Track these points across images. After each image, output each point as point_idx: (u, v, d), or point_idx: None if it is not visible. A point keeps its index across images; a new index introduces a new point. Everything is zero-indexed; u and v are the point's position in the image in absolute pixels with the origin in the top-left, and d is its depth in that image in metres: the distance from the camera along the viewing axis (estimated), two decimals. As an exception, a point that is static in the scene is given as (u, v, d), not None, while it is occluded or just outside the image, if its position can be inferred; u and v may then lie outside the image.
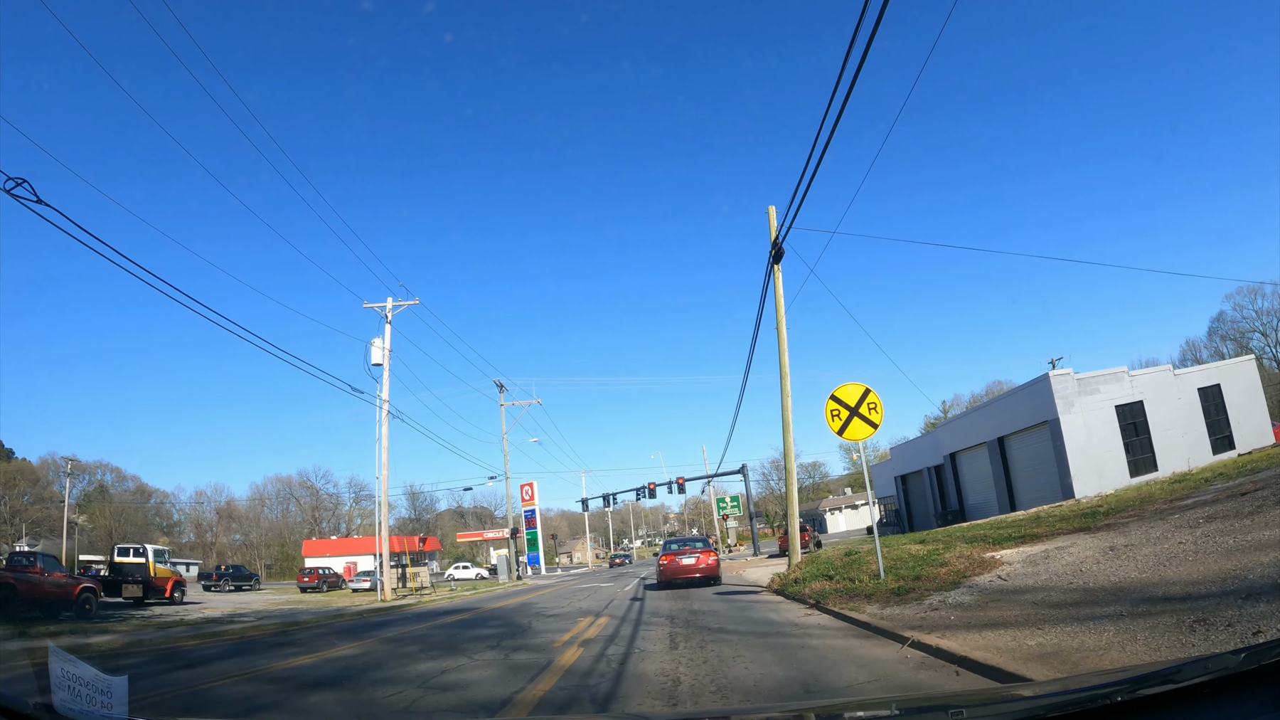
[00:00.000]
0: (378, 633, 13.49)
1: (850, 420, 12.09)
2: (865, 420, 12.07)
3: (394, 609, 22.47)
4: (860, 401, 12.15)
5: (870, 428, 12.05)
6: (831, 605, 10.54)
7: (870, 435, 12.04)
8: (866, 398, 12.17)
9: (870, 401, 12.15)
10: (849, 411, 12.13)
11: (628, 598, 17.30)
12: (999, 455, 27.30)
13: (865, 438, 12.05)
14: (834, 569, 14.11)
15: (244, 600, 33.78)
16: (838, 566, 14.26)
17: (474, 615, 16.14)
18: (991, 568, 10.85)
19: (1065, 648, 5.58)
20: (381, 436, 29.34)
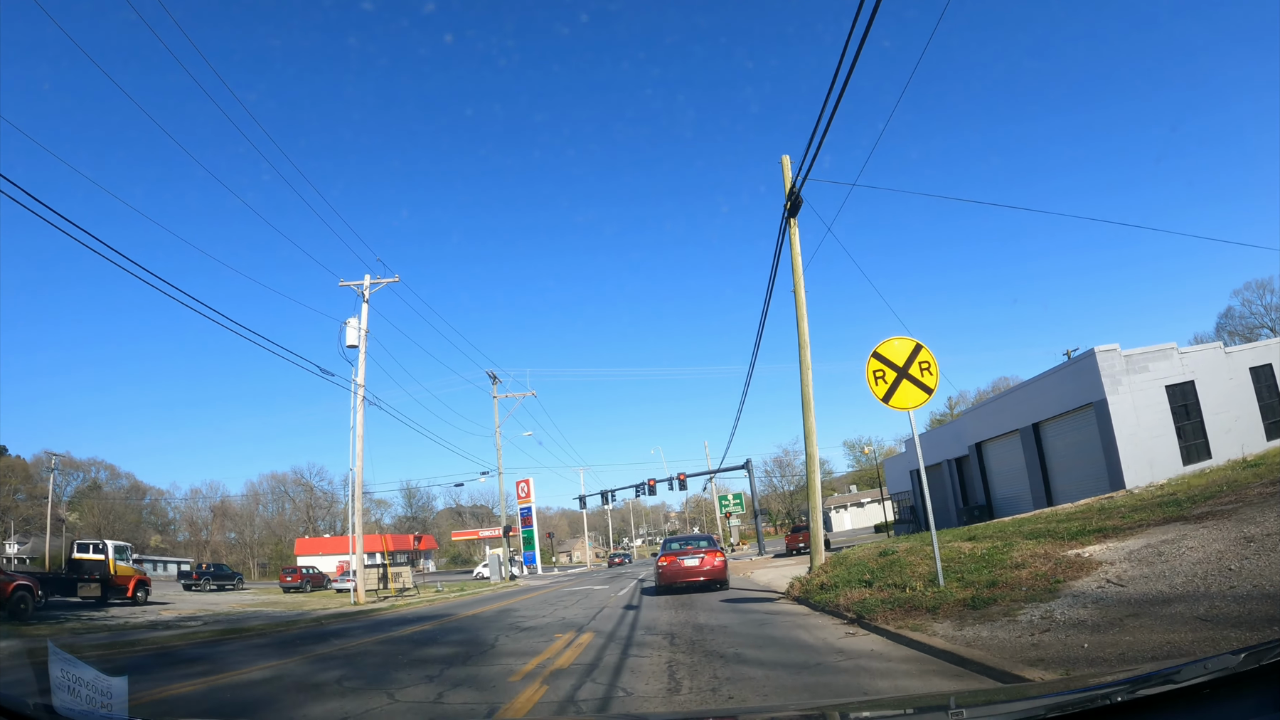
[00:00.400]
0: (314, 648, 11.06)
1: (898, 383, 9.59)
2: (916, 383, 9.57)
3: (361, 614, 19.99)
4: (910, 360, 9.65)
5: (923, 392, 9.55)
6: (882, 622, 8.02)
7: (923, 402, 9.54)
8: (918, 355, 9.66)
9: (923, 360, 9.65)
10: (896, 372, 9.64)
11: (621, 605, 14.80)
12: (1034, 443, 24.75)
13: (917, 405, 9.55)
14: (869, 571, 11.60)
15: (216, 601, 31.31)
16: (873, 569, 11.74)
17: (439, 625, 13.65)
18: (1087, 569, 8.38)
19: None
20: (356, 424, 26.87)
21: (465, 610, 17.84)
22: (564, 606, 15.82)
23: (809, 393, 14.40)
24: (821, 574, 12.64)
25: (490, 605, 19.17)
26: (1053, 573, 8.54)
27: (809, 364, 14.62)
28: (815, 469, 13.80)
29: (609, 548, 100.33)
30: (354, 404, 27.07)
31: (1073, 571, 8.43)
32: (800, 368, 14.64)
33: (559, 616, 13.21)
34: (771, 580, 19.22)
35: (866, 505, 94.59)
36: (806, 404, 14.30)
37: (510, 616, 14.24)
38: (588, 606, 15.15)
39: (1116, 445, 21.16)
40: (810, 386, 14.47)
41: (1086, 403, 22.27)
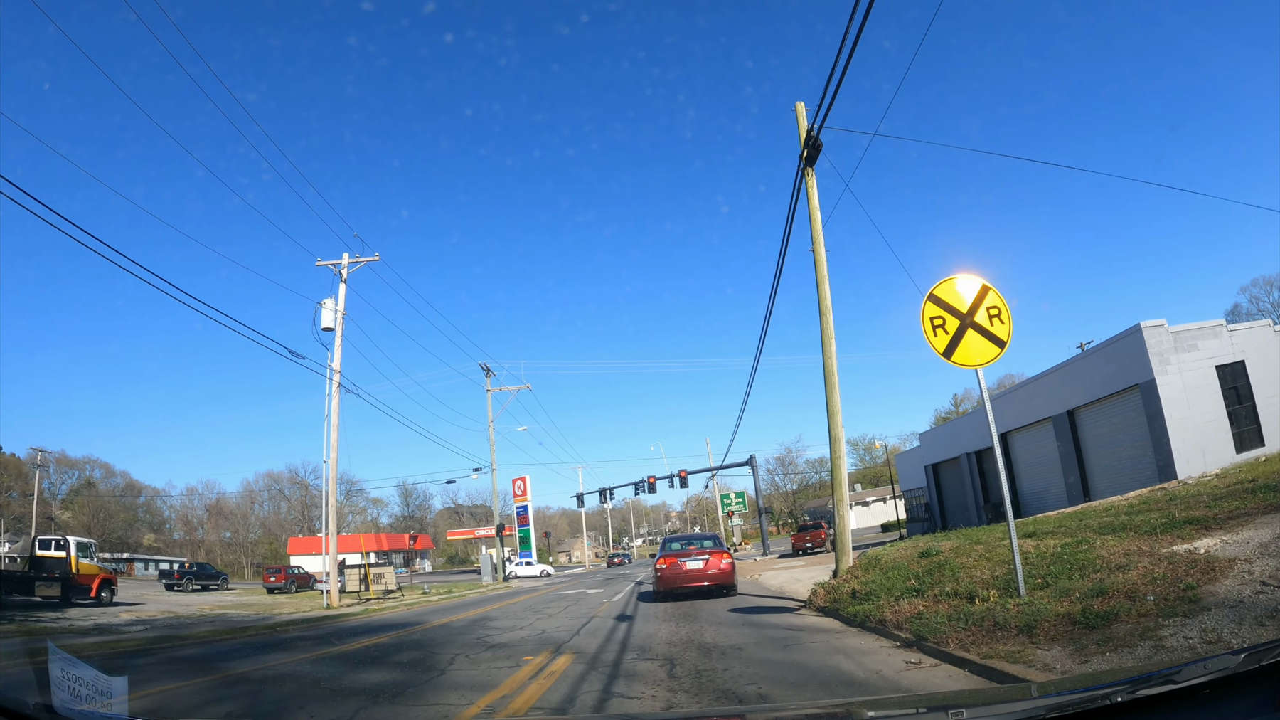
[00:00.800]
0: (234, 665, 9.09)
1: (962, 333, 7.53)
2: (985, 334, 7.51)
3: (325, 620, 17.90)
4: (976, 304, 7.59)
5: (994, 345, 7.49)
6: (958, 647, 5.91)
7: (994, 357, 7.49)
8: (985, 298, 7.61)
9: (991, 305, 7.58)
10: (959, 320, 7.58)
11: (612, 614, 12.70)
12: (1068, 432, 22.61)
13: (987, 361, 7.49)
14: (913, 576, 9.49)
15: (190, 603, 29.20)
16: (917, 572, 9.63)
17: (396, 638, 11.55)
18: (1217, 569, 6.42)
19: None
20: (330, 412, 24.77)
21: (438, 618, 15.76)
22: (548, 615, 13.72)
23: (832, 365, 12.28)
24: (851, 579, 10.51)
25: (469, 612, 17.08)
26: (1172, 575, 6.46)
27: (831, 333, 12.51)
28: (841, 455, 11.67)
29: (609, 548, 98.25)
30: (328, 390, 24.98)
31: (1199, 573, 6.35)
32: (821, 337, 12.53)
33: (538, 629, 11.10)
34: (784, 584, 17.11)
35: (871, 504, 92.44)
36: (830, 378, 12.19)
37: (483, 628, 12.15)
38: (575, 615, 13.05)
39: (1167, 431, 19.02)
40: (834, 359, 12.35)
41: (1131, 385, 20.12)
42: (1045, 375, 24.72)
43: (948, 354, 7.57)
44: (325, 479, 24.60)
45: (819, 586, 10.99)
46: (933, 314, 7.66)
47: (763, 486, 54.17)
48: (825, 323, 12.59)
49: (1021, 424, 25.78)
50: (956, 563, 9.68)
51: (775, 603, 12.49)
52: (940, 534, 20.88)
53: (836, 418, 11.86)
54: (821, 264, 12.97)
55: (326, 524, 24.54)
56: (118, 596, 28.10)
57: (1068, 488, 22.99)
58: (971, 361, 7.49)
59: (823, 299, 12.77)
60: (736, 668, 6.34)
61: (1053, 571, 7.66)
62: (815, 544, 36.87)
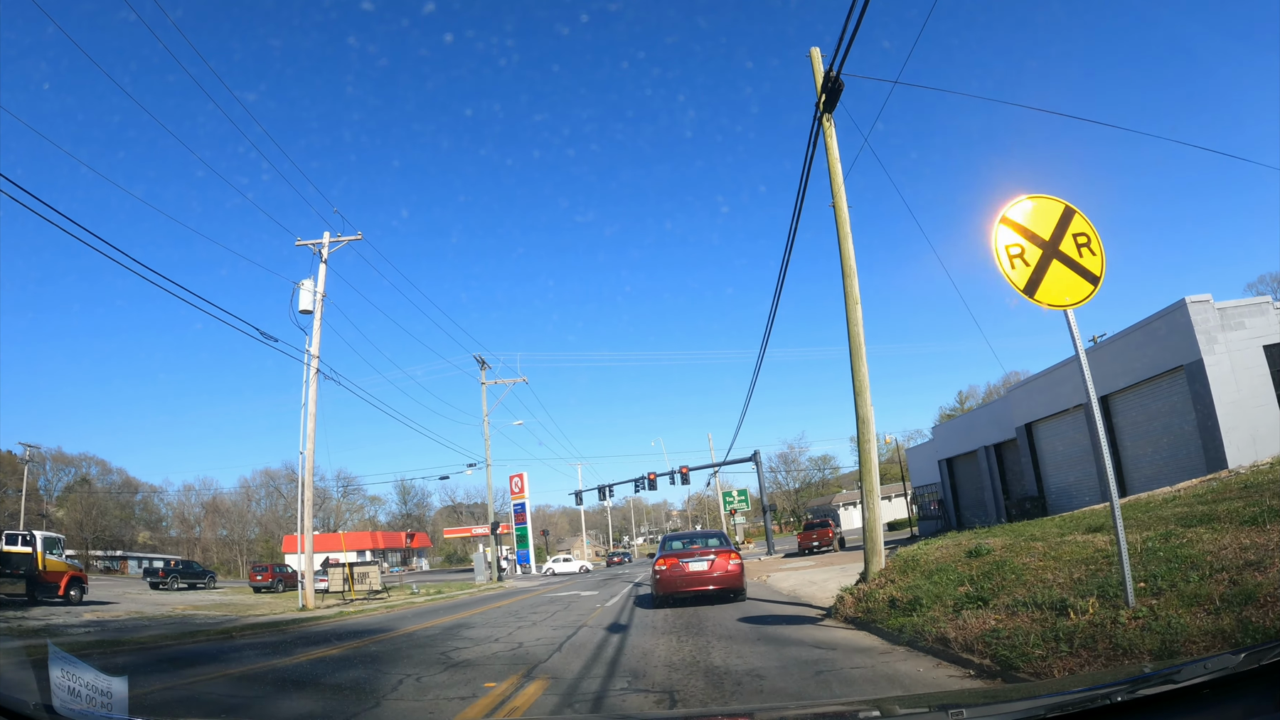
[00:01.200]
0: (148, 680, 7.40)
1: (1046, 265, 5.91)
2: (1074, 266, 5.86)
3: (291, 624, 16.25)
4: (1059, 230, 5.97)
5: (1085, 281, 5.87)
6: (1074, 683, 4.20)
7: (1086, 296, 5.89)
8: (1069, 223, 5.96)
9: (1078, 231, 5.96)
10: (1040, 249, 5.95)
11: (604, 624, 11.02)
12: (1103, 420, 20.75)
13: (1079, 300, 5.87)
14: (966, 580, 7.81)
15: (166, 602, 27.54)
16: (971, 575, 7.95)
17: (350, 650, 9.89)
18: None
19: None
20: (308, 400, 23.11)
21: (412, 624, 14.11)
22: (531, 623, 12.05)
23: (858, 334, 10.59)
24: (886, 583, 8.82)
25: (449, 616, 15.42)
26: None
27: (857, 297, 10.82)
28: (870, 437, 9.98)
29: (609, 546, 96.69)
30: (306, 376, 23.31)
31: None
32: (845, 303, 10.84)
33: (515, 642, 9.42)
34: (797, 588, 15.42)
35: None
36: (856, 349, 10.50)
37: (454, 638, 10.47)
38: (561, 624, 11.37)
39: (1216, 416, 17.31)
40: (860, 326, 10.66)
41: (1174, 366, 18.38)
42: (1069, 361, 22.89)
43: (1030, 291, 5.90)
44: (301, 470, 22.96)
45: (845, 592, 9.30)
46: (1008, 241, 5.99)
47: (766, 484, 52.45)
48: (849, 286, 10.90)
49: (1047, 413, 24.04)
50: (1017, 563, 8.00)
51: (792, 610, 10.80)
52: (965, 532, 19.19)
53: (865, 394, 10.17)
54: (844, 220, 11.28)
55: (301, 520, 22.91)
56: (92, 595, 26.84)
57: (1100, 481, 21.22)
58: (1059, 300, 5.82)
59: (846, 259, 11.09)
60: (760, 710, 4.66)
61: (1156, 573, 5.98)
62: (823, 543, 35.21)
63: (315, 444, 23.02)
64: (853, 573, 17.01)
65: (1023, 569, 7.69)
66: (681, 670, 6.27)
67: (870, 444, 9.95)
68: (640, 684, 5.85)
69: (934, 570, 8.62)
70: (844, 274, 11.06)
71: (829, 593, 12.87)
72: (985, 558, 8.77)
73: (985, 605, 6.47)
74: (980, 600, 6.65)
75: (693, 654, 7.11)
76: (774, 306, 45.67)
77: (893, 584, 8.69)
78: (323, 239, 25.35)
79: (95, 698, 2.10)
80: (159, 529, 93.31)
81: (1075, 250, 5.90)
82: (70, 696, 2.02)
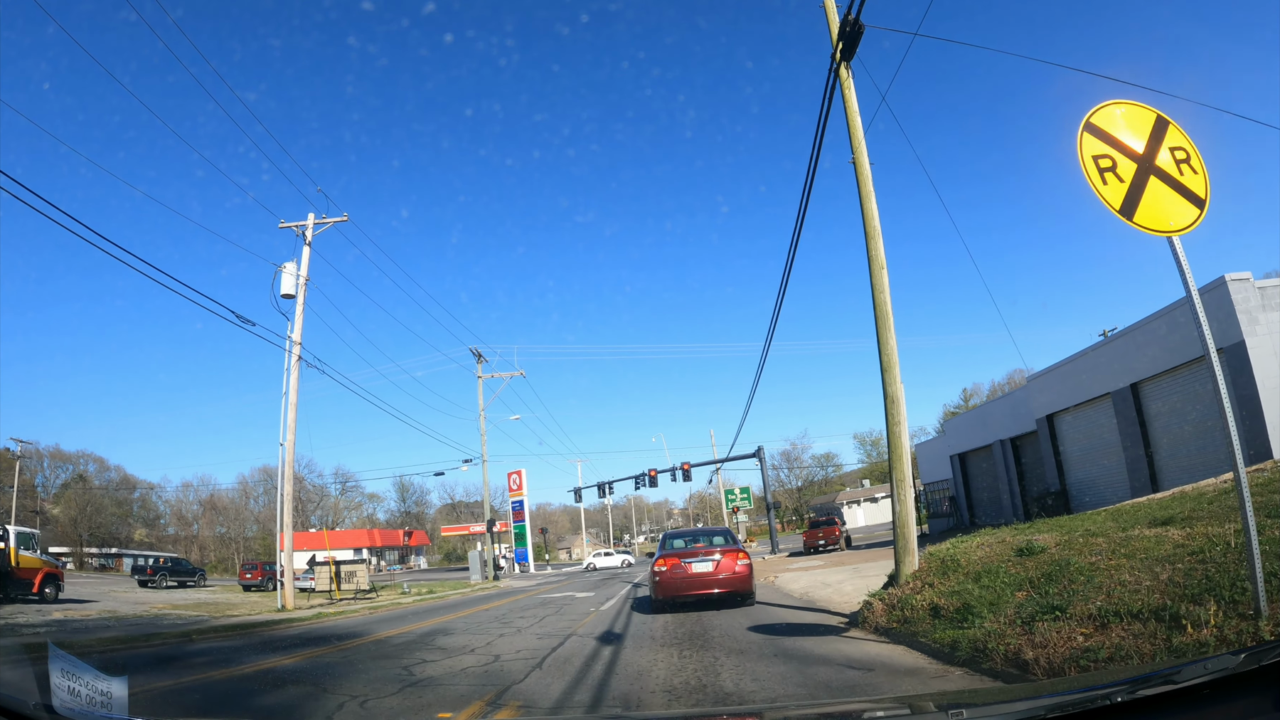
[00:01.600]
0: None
1: (1143, 182, 4.69)
2: (1174, 185, 4.61)
3: (260, 627, 15.02)
4: (1154, 143, 4.74)
5: (1189, 204, 4.65)
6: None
7: (1193, 222, 4.71)
8: (1165, 137, 4.71)
9: (1176, 146, 4.71)
10: (1135, 163, 4.69)
11: (596, 631, 9.74)
12: (1131, 409, 19.56)
13: (1184, 226, 4.73)
14: (1025, 583, 6.53)
15: (148, 601, 26.32)
16: (1028, 578, 6.67)
17: (305, 660, 8.65)
18: None
19: None
20: (289, 389, 21.89)
21: (389, 628, 12.87)
22: (516, 630, 10.76)
23: (885, 302, 9.30)
24: (923, 587, 7.52)
25: (430, 620, 14.17)
26: None
27: (883, 261, 9.53)
28: (901, 418, 8.68)
29: (610, 545, 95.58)
30: (287, 364, 22.07)
31: None
32: (870, 268, 9.55)
33: (492, 654, 8.15)
34: (809, 589, 14.14)
35: (881, 500, 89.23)
36: (883, 318, 9.21)
37: (425, 648, 9.21)
38: (549, 632, 10.10)
39: (1259, 402, 16.01)
40: (887, 294, 9.37)
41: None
42: (1101, 346, 21.59)
43: (1128, 212, 4.66)
44: (281, 463, 21.71)
45: (873, 598, 8.00)
46: (1096, 151, 4.75)
47: (769, 482, 51.17)
48: (873, 248, 9.61)
49: (1070, 404, 22.69)
50: (1081, 563, 6.71)
51: (809, 617, 9.51)
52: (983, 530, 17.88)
53: (893, 369, 8.87)
54: (865, 176, 9.99)
55: (281, 517, 21.70)
56: (74, 594, 26.03)
57: (1130, 474, 19.94)
58: (1162, 224, 4.58)
59: (869, 220, 9.80)
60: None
61: (1276, 570, 4.70)
62: (829, 541, 33.93)
63: (296, 436, 21.79)
64: (868, 574, 15.71)
65: (1091, 569, 6.41)
66: (685, 698, 5.00)
67: (900, 426, 8.65)
68: (633, 717, 4.59)
69: (980, 572, 7.33)
70: (867, 235, 9.77)
71: (846, 596, 11.60)
72: (1039, 556, 7.48)
73: (1063, 615, 5.18)
74: (1054, 609, 5.36)
75: (698, 674, 5.83)
76: (780, 297, 44.32)
77: (931, 588, 7.41)
78: (306, 220, 24.10)
79: (95, 697, 2.09)
80: (157, 526, 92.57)
81: (1174, 167, 4.67)
82: (70, 696, 2.01)
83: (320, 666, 8.13)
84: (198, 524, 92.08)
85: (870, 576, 14.64)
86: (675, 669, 6.18)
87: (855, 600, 10.60)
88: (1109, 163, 4.71)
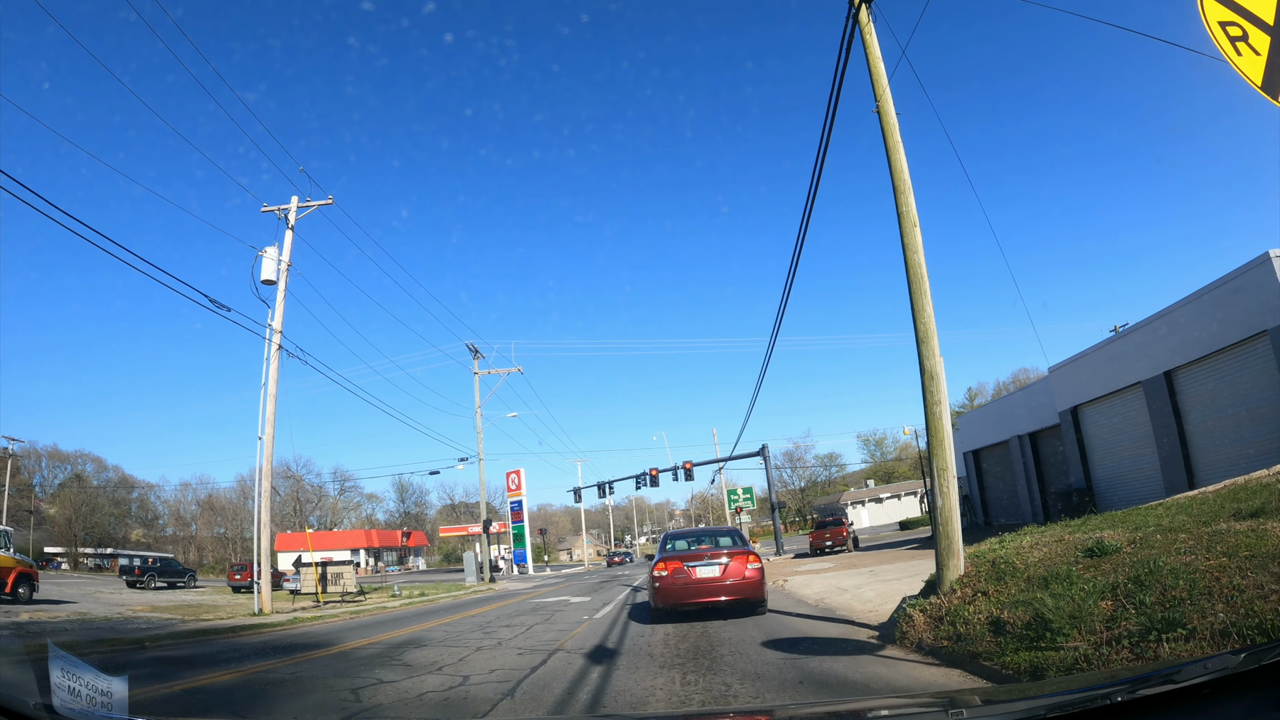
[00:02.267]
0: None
1: None
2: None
3: (225, 633, 13.78)
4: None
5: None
6: None
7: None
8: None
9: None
10: (1269, 35, 3.47)
11: (587, 647, 8.48)
12: (1165, 399, 18.26)
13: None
14: (1108, 591, 5.27)
15: (129, 603, 25.01)
16: (1110, 584, 5.41)
17: (251, 674, 7.41)
18: None
19: None
20: (268, 379, 20.69)
21: (359, 637, 11.62)
22: (496, 641, 9.51)
23: (918, 262, 8.05)
24: (975, 595, 6.26)
25: (409, 627, 12.92)
26: None
27: (914, 218, 8.28)
28: (941, 395, 7.40)
29: (610, 546, 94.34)
30: (266, 353, 20.86)
31: None
32: (900, 226, 8.30)
33: (461, 674, 6.90)
34: (823, 596, 12.86)
35: (885, 501, 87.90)
36: (916, 280, 7.95)
37: (387, 664, 7.96)
38: (533, 645, 8.84)
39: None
40: (920, 254, 8.12)
41: (1256, 332, 15.73)
42: (1128, 333, 20.25)
43: (1270, 87, 3.42)
44: (259, 457, 20.50)
45: (912, 608, 6.74)
46: (1221, 17, 3.57)
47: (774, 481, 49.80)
48: (903, 204, 8.36)
49: (1096, 395, 21.38)
50: (1173, 564, 5.45)
51: (831, 630, 8.22)
52: (1023, 533, 16.62)
53: (931, 340, 7.61)
54: (891, 126, 8.74)
55: (258, 515, 20.53)
56: (55, 594, 25.30)
57: (1163, 469, 18.64)
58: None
59: (897, 172, 8.54)
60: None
61: None
62: (836, 542, 32.62)
63: (275, 430, 20.60)
64: (886, 577, 14.46)
65: (1188, 572, 5.16)
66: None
67: (941, 405, 7.40)
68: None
69: (1046, 577, 6.06)
70: (896, 191, 8.52)
71: (869, 604, 10.34)
72: (1114, 557, 6.21)
73: (1190, 635, 3.92)
74: (1171, 624, 4.10)
75: (707, 707, 4.57)
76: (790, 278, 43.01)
77: (985, 597, 6.16)
78: (290, 204, 22.88)
79: (95, 697, 2.07)
80: (155, 527, 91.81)
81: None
82: (70, 696, 1.98)
83: (259, 685, 6.90)
84: (195, 524, 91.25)
85: (890, 580, 13.38)
86: (679, 699, 4.94)
87: (881, 609, 9.34)
88: (1238, 31, 3.55)
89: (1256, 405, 16.09)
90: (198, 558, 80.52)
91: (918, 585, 11.39)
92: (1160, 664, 2.95)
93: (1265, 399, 15.78)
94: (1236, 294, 16.13)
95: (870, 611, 9.25)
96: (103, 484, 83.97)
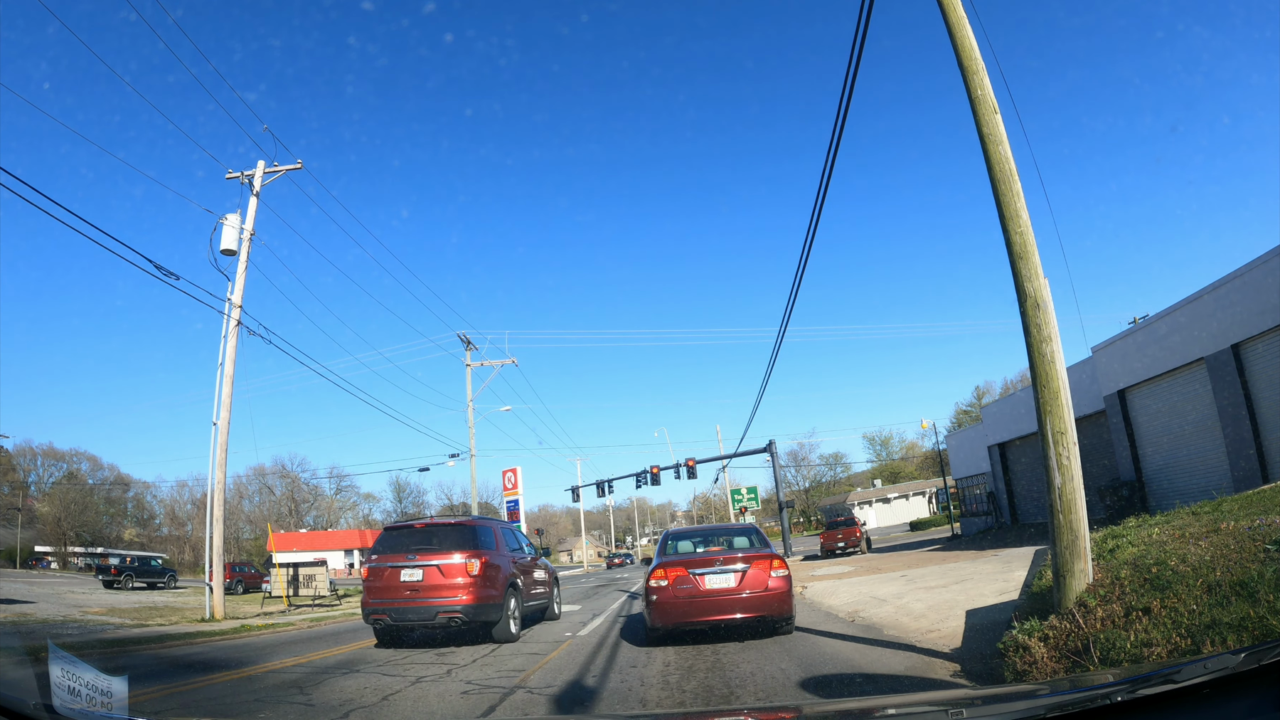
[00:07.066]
0: None
1: None
2: None
3: (150, 643, 11.69)
4: None
5: None
6: None
7: None
8: None
9: None
10: None
11: (554, 686, 6.34)
12: (1233, 377, 15.89)
13: None
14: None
15: (88, 604, 22.88)
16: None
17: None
18: None
19: None
20: (225, 359, 18.63)
21: (293, 654, 9.52)
22: (442, 673, 7.36)
23: (1003, 155, 5.89)
24: (1130, 614, 4.12)
25: (353, 644, 10.76)
26: None
27: (994, 103, 6.14)
28: (1051, 332, 5.23)
29: (611, 546, 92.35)
30: (225, 330, 18.79)
31: None
32: (976, 113, 6.14)
33: (398, 715, 4.78)
34: (857, 606, 10.65)
35: (893, 501, 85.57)
36: (1004, 178, 5.79)
37: (296, 698, 5.86)
38: (484, 681, 6.67)
39: None
40: (1005, 144, 5.97)
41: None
42: (1184, 304, 17.78)
43: None
44: (213, 446, 18.42)
45: (1025, 634, 4.59)
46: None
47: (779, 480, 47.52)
48: (976, 87, 6.21)
49: (1147, 376, 19.05)
50: None
51: (886, 659, 6.04)
52: (1163, 516, 14.35)
53: (1030, 257, 5.45)
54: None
55: (211, 508, 18.48)
56: (25, 594, 24.09)
57: (1231, 458, 16.35)
58: None
59: (965, 51, 6.39)
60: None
61: None
62: (849, 543, 30.44)
63: (230, 412, 18.53)
64: (925, 582, 12.25)
65: None
66: None
67: (1050, 344, 5.24)
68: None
69: (1245, 583, 3.91)
70: (966, 72, 6.36)
71: (920, 619, 8.16)
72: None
73: None
74: None
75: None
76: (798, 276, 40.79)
77: (1146, 615, 4.01)
78: (255, 169, 20.79)
79: (95, 697, 2.03)
80: (150, 526, 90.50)
81: None
82: (70, 696, 1.94)
83: None
84: (191, 524, 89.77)
85: (934, 588, 11.21)
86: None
87: (942, 627, 7.18)
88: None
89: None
90: (192, 557, 78.94)
91: (974, 595, 9.24)
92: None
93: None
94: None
95: (929, 631, 7.08)
96: (98, 483, 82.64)
